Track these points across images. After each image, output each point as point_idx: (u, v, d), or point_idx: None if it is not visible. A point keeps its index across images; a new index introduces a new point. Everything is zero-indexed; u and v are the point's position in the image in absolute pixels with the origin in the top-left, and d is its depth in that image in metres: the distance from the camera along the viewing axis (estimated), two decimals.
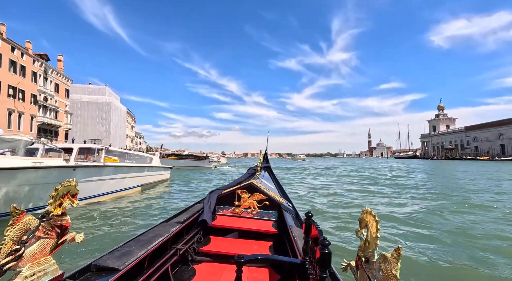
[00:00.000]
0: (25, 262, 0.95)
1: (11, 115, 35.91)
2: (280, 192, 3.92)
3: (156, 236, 2.03)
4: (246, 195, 3.17)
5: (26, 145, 6.12)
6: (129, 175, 9.55)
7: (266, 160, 4.89)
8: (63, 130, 48.46)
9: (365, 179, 17.79)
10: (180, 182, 15.20)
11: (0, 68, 34.02)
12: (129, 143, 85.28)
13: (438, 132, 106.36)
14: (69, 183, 1.11)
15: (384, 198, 9.64)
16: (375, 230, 0.97)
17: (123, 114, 74.44)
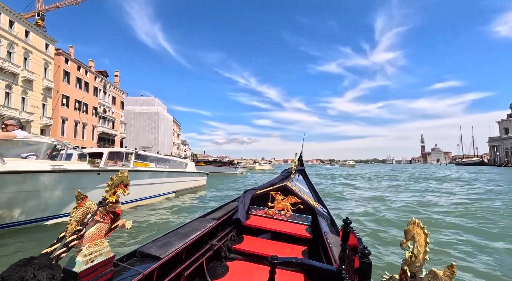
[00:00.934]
0: (85, 242, 1.06)
1: (77, 126, 40.57)
2: (315, 196, 3.84)
3: (193, 230, 2.12)
4: (280, 197, 3.18)
5: (49, 148, 5.77)
6: (161, 181, 9.06)
7: (301, 163, 4.88)
8: (118, 139, 53.25)
9: None
10: (215, 188, 14.78)
11: (69, 85, 38.83)
12: (175, 150, 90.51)
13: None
14: (122, 173, 1.18)
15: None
16: (423, 244, 0.92)
17: (170, 123, 79.47)
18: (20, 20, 31.38)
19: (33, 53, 32.90)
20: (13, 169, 4.44)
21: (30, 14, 41.56)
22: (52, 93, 35.81)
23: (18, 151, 5.09)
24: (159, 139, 67.05)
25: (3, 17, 29.11)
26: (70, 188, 5.38)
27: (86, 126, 42.62)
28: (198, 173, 12.95)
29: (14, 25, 30.53)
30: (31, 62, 32.45)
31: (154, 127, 67.23)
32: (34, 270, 0.79)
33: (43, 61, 34.41)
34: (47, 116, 34.74)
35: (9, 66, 28.76)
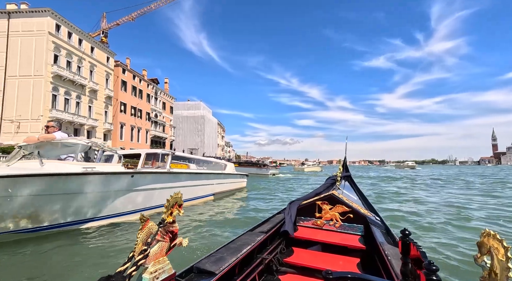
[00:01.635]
0: (150, 260, 1.15)
1: (133, 130, 44.49)
2: (365, 204, 3.70)
3: (243, 244, 2.13)
4: (327, 207, 3.08)
5: (84, 149, 5.58)
6: (199, 183, 8.63)
7: (345, 169, 4.70)
8: (168, 141, 57.01)
9: None
10: (255, 190, 14.27)
11: (126, 93, 42.81)
12: (219, 151, 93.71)
13: None
14: (176, 195, 1.26)
15: None
16: (503, 259, 0.83)
17: (214, 126, 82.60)
18: (87, 37, 35.62)
19: (97, 66, 37.03)
20: (47, 171, 4.37)
21: (96, 33, 47.10)
22: (112, 101, 39.86)
23: (58, 153, 5.13)
24: (204, 141, 70.06)
25: (74, 36, 33.35)
26: (104, 191, 5.24)
27: (141, 130, 46.47)
28: (237, 174, 12.39)
29: (82, 42, 34.76)
30: (95, 74, 36.58)
31: (200, 130, 70.49)
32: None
33: (105, 73, 38.53)
34: (108, 122, 38.75)
35: (79, 79, 32.79)
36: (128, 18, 53.27)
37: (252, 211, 8.13)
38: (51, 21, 30.12)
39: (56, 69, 29.81)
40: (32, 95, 28.68)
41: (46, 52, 29.25)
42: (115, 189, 5.46)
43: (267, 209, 8.15)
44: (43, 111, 28.54)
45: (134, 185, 5.90)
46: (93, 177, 5.00)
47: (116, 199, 5.55)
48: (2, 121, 28.50)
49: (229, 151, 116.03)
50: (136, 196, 6.07)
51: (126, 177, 5.69)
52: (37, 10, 29.75)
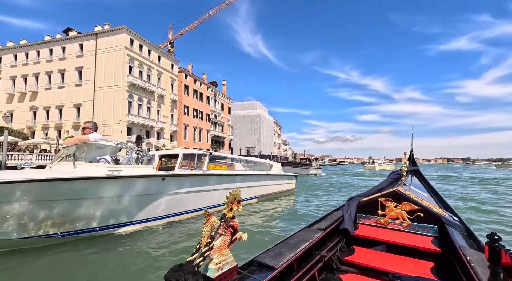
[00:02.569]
0: (214, 252, 1.23)
1: (195, 131, 47.67)
2: (439, 201, 3.31)
3: (301, 241, 2.12)
4: (391, 204, 2.84)
5: (114, 151, 5.33)
6: (240, 185, 8.03)
7: (412, 163, 4.30)
8: (227, 141, 59.43)
9: None
10: (307, 192, 13.20)
11: (188, 97, 46.10)
12: (276, 149, 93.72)
13: None
14: (235, 192, 1.32)
15: None
16: None
17: (270, 124, 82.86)
18: (155, 48, 39.48)
19: (164, 74, 40.75)
20: (75, 174, 4.28)
21: (164, 44, 52.18)
22: (177, 105, 43.39)
23: (93, 154, 5.04)
24: (261, 139, 70.82)
25: (144, 48, 37.36)
26: (133, 195, 4.96)
27: (202, 131, 49.51)
28: (285, 175, 11.47)
29: (151, 53, 38.68)
30: (162, 81, 40.31)
31: (256, 129, 71.54)
32: (184, 275, 1.03)
33: (170, 79, 42.16)
34: (174, 124, 42.32)
35: (149, 86, 36.58)
36: (190, 27, 57.40)
37: (299, 216, 7.26)
38: (126, 36, 34.26)
39: (131, 79, 33.80)
40: (113, 102, 33.14)
41: (123, 64, 33.42)
42: (145, 193, 5.16)
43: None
44: (121, 116, 32.73)
45: (166, 189, 5.60)
46: (117, 180, 4.67)
47: (147, 203, 5.27)
48: None
49: (285, 149, 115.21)
50: (170, 200, 5.75)
51: (156, 180, 5.37)
52: (116, 28, 34.21)
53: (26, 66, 38.08)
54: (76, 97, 34.93)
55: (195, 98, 48.03)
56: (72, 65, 35.63)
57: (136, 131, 34.88)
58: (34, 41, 38.21)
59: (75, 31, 36.84)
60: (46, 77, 36.82)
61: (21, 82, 38.03)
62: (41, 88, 36.82)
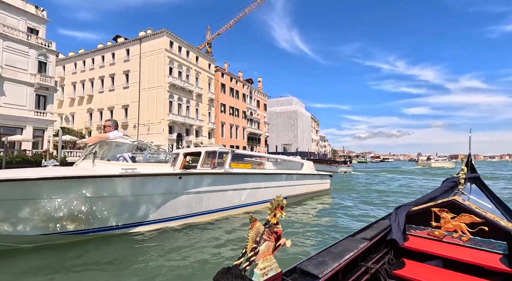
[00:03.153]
0: (259, 257, 1.25)
1: (232, 128, 48.55)
2: (506, 214, 2.87)
3: (345, 250, 2.06)
4: (447, 215, 2.60)
5: (130, 149, 5.21)
6: (265, 184, 7.49)
7: (471, 169, 3.90)
8: (263, 138, 59.47)
9: None
10: (340, 193, 12.11)
11: (225, 95, 47.05)
12: (314, 146, 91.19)
13: None
14: (278, 198, 1.33)
15: None
16: None
17: (307, 120, 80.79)
18: (192, 49, 40.96)
19: (201, 73, 42.12)
20: (92, 172, 4.31)
21: (203, 45, 53.90)
22: (214, 103, 44.59)
23: (114, 152, 5.03)
24: (298, 136, 69.48)
25: (183, 49, 38.98)
26: (148, 194, 4.83)
27: (238, 128, 50.22)
28: (318, 175, 10.62)
29: (190, 54, 40.22)
30: (200, 80, 41.72)
31: (293, 125, 70.35)
32: (232, 278, 1.07)
33: (207, 78, 43.43)
34: (211, 122, 43.60)
35: (188, 86, 38.15)
36: (226, 27, 58.40)
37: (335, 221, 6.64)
38: (166, 39, 36.06)
39: (171, 79, 35.56)
40: (156, 102, 35.26)
41: (164, 66, 35.30)
42: (160, 192, 5.01)
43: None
44: (163, 115, 34.68)
45: (184, 188, 5.39)
46: (131, 179, 4.55)
47: (164, 202, 5.12)
48: (139, 125, 36.39)
49: (324, 145, 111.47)
50: (188, 199, 5.53)
51: (172, 179, 5.18)
52: (157, 32, 36.21)
53: (84, 72, 42.50)
54: (124, 99, 37.95)
55: (231, 96, 48.83)
56: (120, 69, 38.76)
57: (176, 129, 36.70)
58: (90, 50, 42.44)
59: (122, 38, 39.94)
60: (99, 81, 40.67)
61: (79, 87, 42.61)
62: (95, 92, 40.79)
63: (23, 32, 23.11)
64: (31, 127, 22.66)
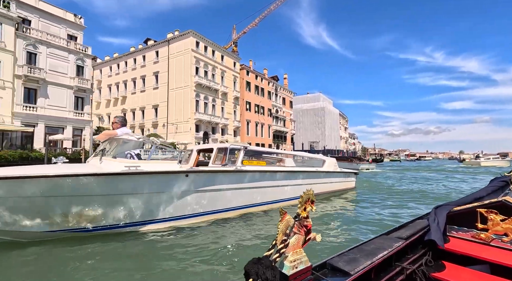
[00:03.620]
0: (289, 250, 1.26)
1: (257, 126, 48.50)
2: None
3: (378, 248, 2.01)
4: (496, 217, 2.39)
5: (136, 146, 5.09)
6: (281, 183, 7.11)
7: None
8: (289, 135, 58.67)
9: None
10: (371, 193, 11.11)
11: (250, 93, 47.10)
12: (342, 143, 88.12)
13: None
14: (308, 191, 1.33)
15: None
16: None
17: (336, 117, 78.17)
18: (218, 48, 41.50)
19: (226, 72, 42.55)
20: (98, 170, 4.27)
21: (229, 44, 54.55)
22: (239, 101, 44.85)
23: (122, 149, 5.02)
24: (325, 133, 67.54)
25: (209, 49, 39.66)
26: (151, 192, 4.67)
27: (264, 126, 50.03)
28: (341, 172, 9.97)
29: (215, 53, 40.81)
30: (225, 79, 42.17)
31: (320, 122, 68.51)
32: (263, 268, 1.10)
33: (232, 77, 43.78)
34: (237, 120, 43.92)
35: (213, 85, 38.76)
36: (252, 25, 58.45)
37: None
38: (193, 40, 36.91)
39: (197, 79, 36.35)
40: (183, 102, 36.31)
41: (190, 66, 36.20)
42: (165, 190, 4.86)
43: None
44: (190, 114, 35.62)
45: (191, 186, 5.19)
46: (134, 176, 4.42)
47: (170, 200, 4.97)
48: (168, 124, 37.80)
49: (353, 143, 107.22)
50: (197, 198, 5.34)
51: (178, 177, 4.98)
52: (184, 33, 37.20)
53: (118, 75, 45.15)
54: (154, 99, 39.63)
55: (256, 94, 48.76)
56: (150, 71, 40.52)
57: (203, 128, 37.50)
58: (123, 53, 44.94)
59: (152, 41, 41.69)
60: (132, 83, 42.92)
61: (114, 89, 45.35)
62: (128, 93, 43.12)
63: (64, 39, 25.02)
64: (70, 127, 24.54)
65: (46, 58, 23.35)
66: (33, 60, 22.76)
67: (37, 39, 22.94)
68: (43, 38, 23.29)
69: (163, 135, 36.03)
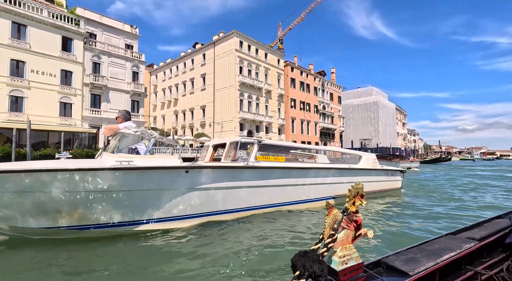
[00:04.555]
0: (338, 245, 1.23)
1: (303, 123, 47.00)
2: None
3: (443, 249, 1.83)
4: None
5: (136, 140, 4.77)
6: (303, 181, 6.26)
7: None
8: (338, 133, 55.51)
9: None
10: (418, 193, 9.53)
11: (295, 89, 45.87)
12: (400, 140, 79.99)
13: None
14: (357, 185, 1.29)
15: None
16: None
17: (391, 112, 71.25)
18: (261, 46, 41.34)
19: (270, 69, 42.14)
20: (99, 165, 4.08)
21: (275, 42, 54.09)
22: (283, 98, 44.03)
23: (124, 144, 4.74)
24: (379, 130, 62.12)
25: (252, 48, 39.78)
26: (144, 189, 4.30)
27: (310, 123, 48.25)
28: (382, 170, 8.55)
29: (259, 51, 40.76)
30: (269, 77, 41.81)
31: (373, 118, 63.30)
32: (310, 261, 1.07)
33: (276, 74, 43.17)
34: (281, 117, 43.21)
35: (257, 83, 38.78)
36: (298, 20, 56.80)
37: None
38: (237, 39, 37.44)
39: (241, 78, 36.77)
40: (228, 102, 37.15)
41: (234, 66, 36.81)
42: (163, 187, 4.47)
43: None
44: (234, 113, 36.25)
45: (193, 183, 4.69)
46: (126, 172, 4.12)
47: (169, 199, 4.57)
48: (214, 124, 39.20)
49: (413, 140, 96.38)
50: (199, 197, 4.83)
51: (177, 173, 4.51)
52: (228, 34, 38.00)
53: (170, 79, 48.61)
54: (202, 100, 41.48)
55: (301, 90, 47.26)
56: (198, 73, 42.54)
57: (247, 126, 37.81)
58: (175, 58, 48.20)
59: (200, 44, 43.70)
60: (182, 86, 45.72)
61: (168, 92, 48.96)
62: (179, 95, 46.05)
63: (122, 49, 27.76)
64: None
65: (107, 67, 26.22)
66: (97, 69, 25.79)
67: (101, 50, 25.89)
68: (105, 49, 26.18)
69: (210, 134, 37.44)
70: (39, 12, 22.44)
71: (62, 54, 23.41)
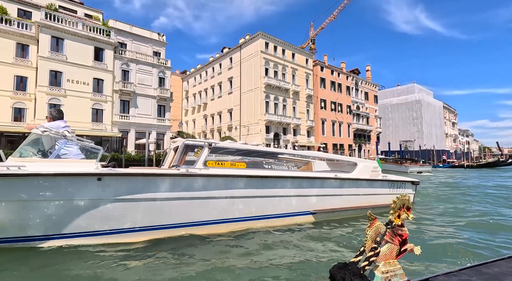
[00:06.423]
0: (380, 259, 1.16)
1: (334, 125, 44.41)
2: None
3: (505, 273, 1.65)
4: None
5: (49, 142, 4.05)
6: (269, 192, 4.97)
7: None
8: (374, 134, 51.47)
9: None
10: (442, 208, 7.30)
11: (325, 90, 43.63)
12: (449, 142, 71.72)
13: None
14: (403, 197, 1.22)
15: None
16: None
17: (437, 111, 64.24)
18: (288, 46, 40.11)
19: (298, 70, 40.63)
20: None
21: (306, 43, 52.60)
22: (312, 99, 42.08)
23: (36, 146, 4.02)
24: (423, 130, 56.29)
25: (278, 48, 38.80)
26: (47, 199, 3.67)
27: (342, 125, 45.42)
28: (383, 181, 6.65)
29: (285, 52, 39.60)
30: (297, 77, 40.32)
31: (416, 118, 57.67)
32: (350, 274, 1.02)
33: (304, 74, 41.49)
34: (310, 119, 41.29)
35: (284, 85, 37.59)
36: (330, 18, 54.52)
37: None
38: (262, 41, 36.78)
39: (267, 80, 35.93)
40: (253, 104, 36.53)
41: (260, 68, 36.14)
42: (66, 198, 3.77)
43: None
44: (260, 115, 35.46)
45: (109, 194, 3.96)
46: (17, 179, 3.51)
47: (75, 211, 3.84)
48: (240, 127, 38.86)
49: (465, 141, 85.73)
50: (116, 209, 4.02)
51: (86, 181, 3.83)
52: (254, 36, 37.54)
53: (200, 84, 49.76)
54: (229, 104, 41.52)
55: (332, 90, 44.80)
56: (225, 77, 42.77)
57: (273, 129, 36.75)
58: (204, 64, 49.28)
59: (227, 48, 44.01)
60: (211, 90, 46.42)
61: (198, 97, 50.16)
62: (208, 100, 46.81)
63: (150, 56, 28.84)
64: (154, 132, 27.92)
65: (135, 74, 27.37)
66: (126, 77, 27.04)
67: (129, 58, 27.15)
68: (134, 57, 27.39)
69: (236, 137, 37.13)
70: (75, 26, 24.24)
71: (94, 64, 24.96)
